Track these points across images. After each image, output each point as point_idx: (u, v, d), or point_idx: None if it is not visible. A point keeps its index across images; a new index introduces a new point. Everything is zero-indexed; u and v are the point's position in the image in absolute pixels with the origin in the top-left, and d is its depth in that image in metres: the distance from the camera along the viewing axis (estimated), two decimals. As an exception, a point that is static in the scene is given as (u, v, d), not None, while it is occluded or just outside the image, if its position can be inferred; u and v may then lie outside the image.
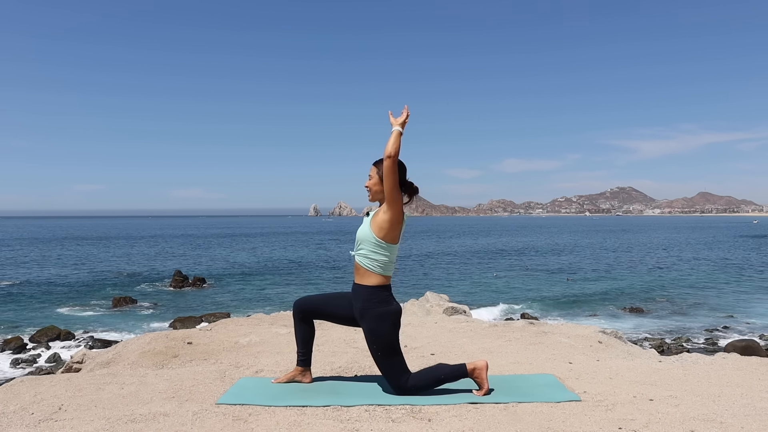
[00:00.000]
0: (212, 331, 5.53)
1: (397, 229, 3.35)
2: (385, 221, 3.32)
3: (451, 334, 5.47)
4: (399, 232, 3.38)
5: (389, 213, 3.30)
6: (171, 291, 27.87)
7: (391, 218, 3.30)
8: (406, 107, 3.41)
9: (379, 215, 3.36)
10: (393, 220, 3.31)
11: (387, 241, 3.34)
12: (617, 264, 40.12)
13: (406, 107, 3.41)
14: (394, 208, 3.29)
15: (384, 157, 3.27)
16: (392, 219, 3.31)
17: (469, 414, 3.04)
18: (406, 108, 3.41)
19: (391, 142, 3.28)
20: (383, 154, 3.28)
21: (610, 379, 3.71)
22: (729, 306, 22.52)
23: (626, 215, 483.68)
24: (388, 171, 3.25)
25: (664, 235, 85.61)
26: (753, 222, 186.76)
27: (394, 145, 3.27)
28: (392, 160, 3.25)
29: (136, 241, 75.68)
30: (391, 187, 3.27)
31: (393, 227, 3.33)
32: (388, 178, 3.26)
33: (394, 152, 3.25)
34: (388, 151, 3.26)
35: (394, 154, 3.26)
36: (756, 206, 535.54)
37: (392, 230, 3.33)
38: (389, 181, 3.26)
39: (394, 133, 3.31)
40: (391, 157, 3.25)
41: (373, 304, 3.34)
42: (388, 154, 3.25)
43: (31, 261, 44.64)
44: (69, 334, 17.00)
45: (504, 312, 21.23)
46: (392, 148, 3.26)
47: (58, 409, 3.15)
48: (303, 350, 3.62)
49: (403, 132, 3.34)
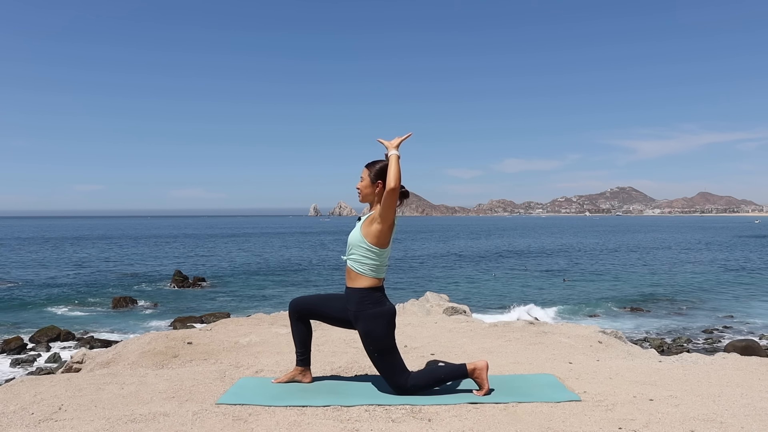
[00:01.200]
0: (212, 331, 5.53)
1: (389, 235, 3.38)
2: (377, 230, 3.33)
3: (451, 334, 5.47)
4: (390, 237, 3.40)
5: (382, 225, 3.32)
6: (171, 291, 27.87)
7: (383, 228, 3.33)
8: (410, 134, 3.41)
9: (370, 223, 3.37)
10: (385, 229, 3.33)
11: (378, 246, 3.35)
12: (617, 264, 40.12)
13: (410, 134, 3.42)
14: (387, 222, 3.31)
15: (387, 189, 3.23)
16: (384, 229, 3.33)
17: (469, 414, 3.04)
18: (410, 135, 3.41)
19: (393, 172, 3.22)
20: (387, 183, 3.23)
21: (610, 379, 3.71)
22: (729, 306, 22.51)
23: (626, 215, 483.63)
24: (388, 201, 3.25)
25: (665, 236, 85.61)
26: (755, 222, 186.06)
27: (396, 174, 3.22)
28: (395, 191, 3.24)
29: (136, 241, 75.66)
30: (387, 210, 3.28)
31: (384, 234, 3.35)
32: (387, 207, 3.27)
33: (396, 184, 3.21)
34: (390, 183, 3.20)
35: (396, 186, 3.22)
36: (756, 206, 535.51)
37: (384, 237, 3.35)
38: (387, 209, 3.27)
39: (392, 159, 3.27)
40: (394, 189, 3.22)
41: (367, 306, 3.35)
42: (392, 187, 3.21)
43: (31, 261, 44.63)
44: (69, 334, 16.99)
45: (504, 312, 21.23)
46: (395, 179, 3.20)
47: (58, 409, 3.15)
48: (301, 350, 3.62)
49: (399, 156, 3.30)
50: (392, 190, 3.22)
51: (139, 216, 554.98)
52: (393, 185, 3.22)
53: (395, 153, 3.29)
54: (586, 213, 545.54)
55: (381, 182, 3.40)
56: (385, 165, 3.40)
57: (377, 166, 3.44)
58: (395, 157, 3.28)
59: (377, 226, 3.33)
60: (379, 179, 3.41)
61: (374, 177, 3.42)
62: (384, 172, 3.39)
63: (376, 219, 3.34)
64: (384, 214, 3.30)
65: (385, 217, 3.30)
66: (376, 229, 3.33)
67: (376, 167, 3.43)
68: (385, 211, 3.29)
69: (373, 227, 3.35)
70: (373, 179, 3.43)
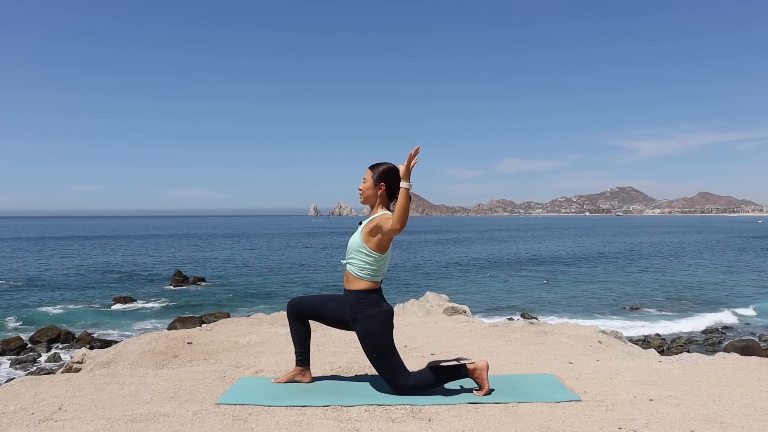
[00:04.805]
0: (212, 331, 5.53)
1: (389, 241, 3.37)
2: (378, 239, 3.32)
3: (451, 334, 5.47)
4: (390, 242, 3.39)
5: (384, 236, 3.30)
6: (171, 291, 27.88)
7: (383, 237, 3.32)
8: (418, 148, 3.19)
9: (371, 230, 3.34)
10: (386, 237, 3.32)
11: (378, 252, 3.34)
12: (617, 264, 40.11)
13: (417, 148, 3.18)
14: (390, 234, 3.29)
15: (391, 227, 3.17)
16: (385, 237, 3.32)
17: (469, 414, 3.04)
18: (418, 149, 3.18)
19: (398, 211, 3.13)
20: (393, 222, 3.15)
21: (610, 379, 3.71)
22: (729, 306, 22.51)
23: (626, 215, 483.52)
24: (389, 236, 3.26)
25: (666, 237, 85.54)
26: (757, 222, 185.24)
27: (401, 214, 3.12)
28: (397, 233, 3.21)
29: (136, 241, 75.67)
30: (386, 240, 3.31)
31: (385, 241, 3.34)
32: (386, 239, 3.29)
33: (400, 227, 3.14)
34: (396, 225, 3.13)
35: (400, 229, 3.16)
36: (756, 206, 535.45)
37: (384, 243, 3.35)
38: (386, 241, 3.31)
39: (401, 194, 3.16)
40: (396, 231, 3.18)
41: (364, 307, 3.34)
42: (396, 228, 3.14)
43: (31, 261, 44.62)
44: (69, 334, 16.99)
45: (504, 312, 21.23)
46: (399, 221, 3.12)
47: (58, 409, 3.15)
48: (301, 350, 3.62)
49: (411, 186, 3.19)
50: (394, 231, 3.18)
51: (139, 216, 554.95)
52: (398, 227, 3.15)
53: (405, 186, 3.18)
54: (586, 213, 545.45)
55: (384, 184, 3.38)
56: (389, 167, 3.39)
57: (381, 168, 3.42)
58: (404, 192, 3.17)
59: (378, 235, 3.31)
60: (382, 181, 3.39)
61: (377, 179, 3.40)
62: (387, 174, 3.38)
63: (377, 229, 3.31)
64: (384, 238, 3.29)
65: (386, 236, 3.29)
66: (378, 239, 3.32)
67: (380, 169, 3.41)
68: (384, 237, 3.29)
69: (374, 231, 3.32)
70: (376, 181, 3.41)
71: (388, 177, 3.38)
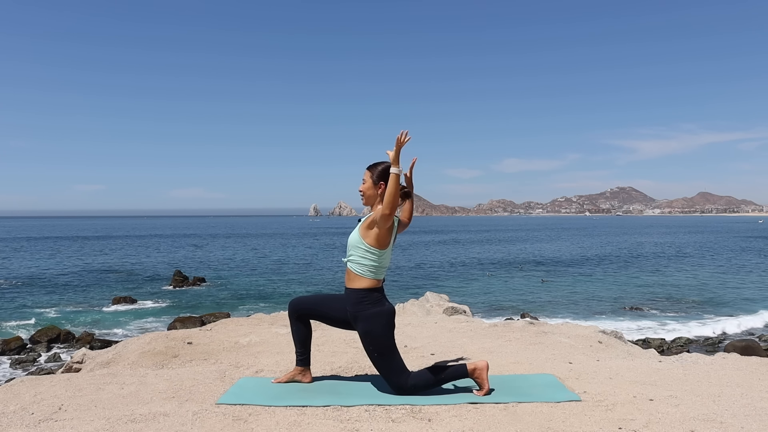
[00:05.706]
0: (212, 331, 5.53)
1: (389, 236, 3.36)
2: (375, 232, 3.33)
3: (451, 334, 5.47)
4: (390, 238, 3.39)
5: (381, 229, 3.30)
6: (171, 291, 27.87)
7: (381, 231, 3.32)
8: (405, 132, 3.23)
9: (369, 225, 3.36)
10: (384, 232, 3.32)
11: (378, 248, 3.34)
12: (617, 264, 40.10)
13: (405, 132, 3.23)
14: (386, 225, 3.30)
15: (381, 213, 3.23)
16: (383, 231, 3.32)
17: (469, 414, 3.04)
18: (404, 132, 3.23)
19: (387, 196, 3.19)
20: (382, 207, 3.21)
21: (610, 379, 3.71)
22: (729, 306, 22.51)
23: (626, 215, 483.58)
24: (382, 222, 3.25)
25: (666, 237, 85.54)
26: (758, 222, 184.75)
27: (391, 199, 3.18)
28: (389, 218, 3.24)
29: (136, 241, 75.67)
30: (383, 229, 3.30)
31: (384, 236, 3.34)
32: (382, 228, 3.28)
33: (389, 211, 3.21)
34: (385, 210, 3.20)
35: (390, 213, 3.22)
36: (756, 206, 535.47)
37: (382, 238, 3.34)
38: (383, 229, 3.29)
39: (390, 179, 3.22)
40: (387, 216, 3.22)
41: (365, 306, 3.34)
42: (385, 213, 3.21)
43: (31, 261, 44.62)
44: (69, 334, 16.97)
45: (504, 312, 21.22)
46: (389, 205, 3.19)
47: (58, 409, 3.15)
48: (301, 350, 3.62)
49: (401, 172, 3.25)
50: (385, 216, 3.22)
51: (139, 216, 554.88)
52: (387, 212, 3.21)
53: (395, 171, 3.23)
54: (586, 213, 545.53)
55: (383, 183, 3.39)
56: (388, 167, 3.39)
57: (379, 168, 3.42)
58: (394, 177, 3.22)
59: (376, 229, 3.32)
60: (381, 180, 3.40)
61: (377, 179, 3.41)
62: (386, 173, 3.38)
63: (374, 222, 3.33)
64: (383, 220, 3.28)
65: (383, 223, 3.29)
66: (375, 232, 3.33)
67: (378, 168, 3.42)
68: (381, 230, 3.30)
69: (372, 227, 3.34)
70: (375, 181, 3.42)
71: (387, 176, 3.38)
